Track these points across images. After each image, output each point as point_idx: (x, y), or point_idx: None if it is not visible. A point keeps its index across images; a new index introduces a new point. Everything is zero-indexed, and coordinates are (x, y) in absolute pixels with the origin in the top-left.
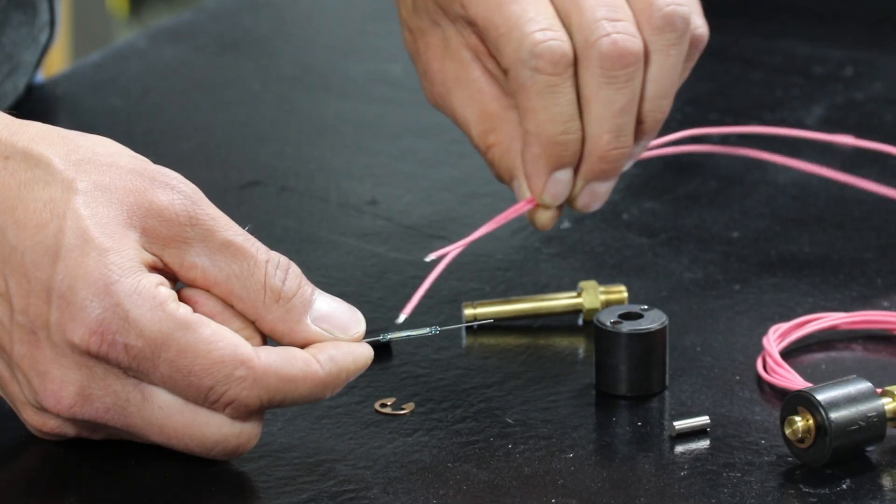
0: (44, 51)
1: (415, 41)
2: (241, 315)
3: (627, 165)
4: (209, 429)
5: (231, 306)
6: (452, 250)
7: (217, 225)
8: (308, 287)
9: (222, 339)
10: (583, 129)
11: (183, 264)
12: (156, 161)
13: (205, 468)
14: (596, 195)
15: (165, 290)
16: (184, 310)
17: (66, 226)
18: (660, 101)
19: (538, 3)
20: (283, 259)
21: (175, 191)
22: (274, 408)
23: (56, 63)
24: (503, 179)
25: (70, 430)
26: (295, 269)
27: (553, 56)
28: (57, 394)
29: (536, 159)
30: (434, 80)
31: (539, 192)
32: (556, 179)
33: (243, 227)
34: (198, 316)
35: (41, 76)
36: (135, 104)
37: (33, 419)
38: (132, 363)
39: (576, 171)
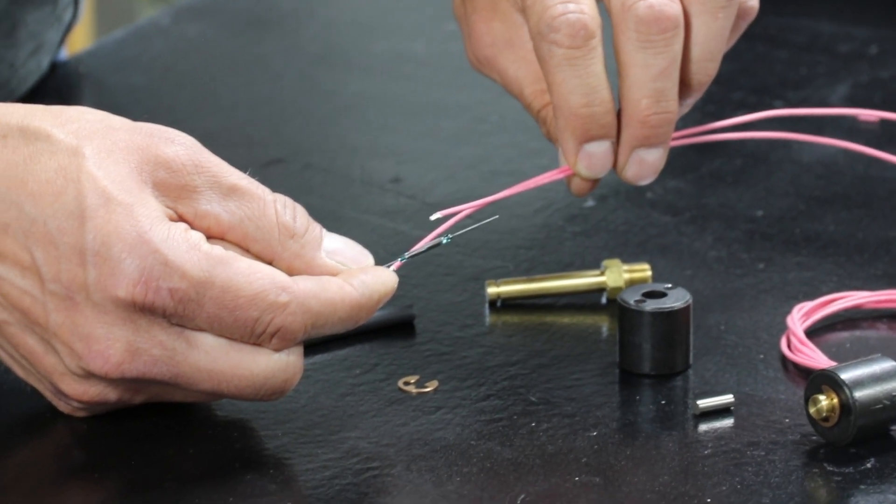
0: (67, 29)
1: (463, 4)
2: (259, 258)
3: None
4: (257, 366)
5: (247, 251)
6: (468, 208)
7: (221, 171)
8: (316, 224)
9: (259, 269)
10: (621, 97)
11: (196, 213)
12: None
13: (230, 446)
14: (645, 164)
15: (195, 233)
16: (217, 248)
17: (83, 188)
18: (706, 63)
19: None
20: (288, 199)
21: (176, 143)
22: (316, 335)
23: (79, 41)
24: (553, 140)
25: (112, 395)
26: (301, 208)
27: (571, 29)
28: (104, 353)
29: (563, 132)
30: (481, 42)
31: (572, 164)
32: (589, 152)
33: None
34: (230, 252)
35: (64, 54)
36: (158, 82)
37: (74, 389)
38: (178, 308)
39: (619, 139)
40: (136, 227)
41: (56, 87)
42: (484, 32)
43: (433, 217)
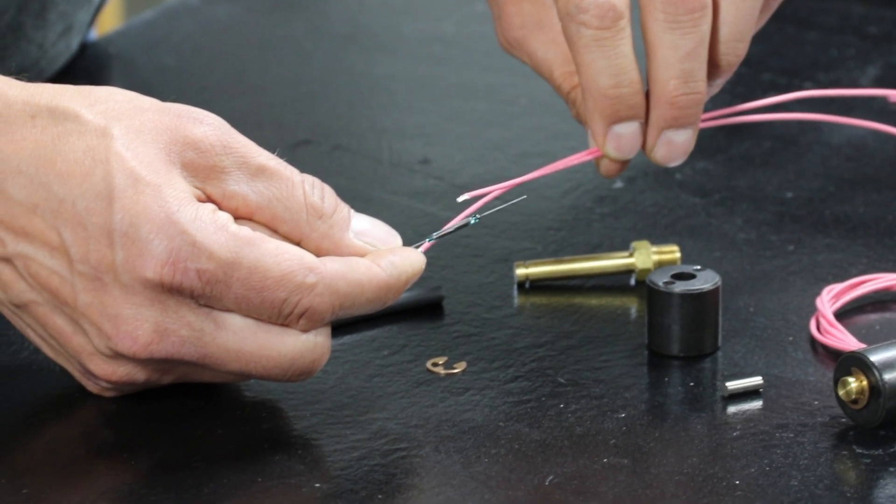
0: (97, 9)
1: None
2: (287, 239)
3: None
4: (284, 346)
5: (275, 232)
6: (496, 189)
7: (250, 151)
8: (344, 205)
9: (287, 250)
10: (649, 78)
11: (224, 194)
12: None
13: (258, 426)
14: (674, 146)
15: (223, 214)
16: (245, 229)
17: (112, 169)
18: (735, 43)
19: None
20: (317, 179)
21: (205, 123)
22: (344, 316)
23: (109, 21)
24: (582, 122)
25: (140, 375)
26: (329, 188)
27: (599, 10)
28: (132, 333)
29: (591, 113)
30: (511, 24)
31: (601, 145)
32: (617, 133)
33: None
34: (258, 233)
35: (94, 34)
36: (187, 62)
37: (103, 369)
38: (205, 289)
39: (648, 120)
40: (165, 207)
41: (85, 67)
42: (513, 14)
43: (460, 199)
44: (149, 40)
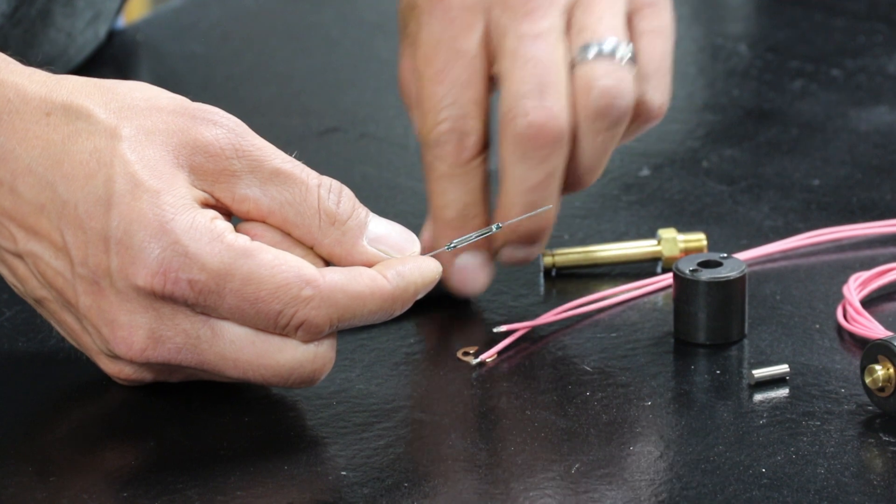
0: None
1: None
2: (301, 243)
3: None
4: (283, 356)
5: (289, 235)
6: (526, 326)
7: (264, 154)
8: (362, 209)
9: (284, 262)
10: (499, 198)
11: (234, 198)
12: (234, 107)
13: (284, 414)
14: (517, 256)
15: (221, 223)
16: (242, 239)
17: (114, 173)
18: (589, 174)
19: (461, 86)
20: (335, 182)
21: (218, 125)
22: (345, 327)
23: (137, 8)
24: None
25: (147, 375)
26: (348, 192)
27: (457, 148)
28: (127, 340)
29: (437, 241)
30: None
31: (447, 273)
32: (461, 265)
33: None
34: (257, 243)
35: (122, 22)
36: (215, 50)
37: (110, 367)
38: (198, 298)
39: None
40: (159, 215)
41: (113, 55)
42: (406, 69)
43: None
44: (176, 28)
